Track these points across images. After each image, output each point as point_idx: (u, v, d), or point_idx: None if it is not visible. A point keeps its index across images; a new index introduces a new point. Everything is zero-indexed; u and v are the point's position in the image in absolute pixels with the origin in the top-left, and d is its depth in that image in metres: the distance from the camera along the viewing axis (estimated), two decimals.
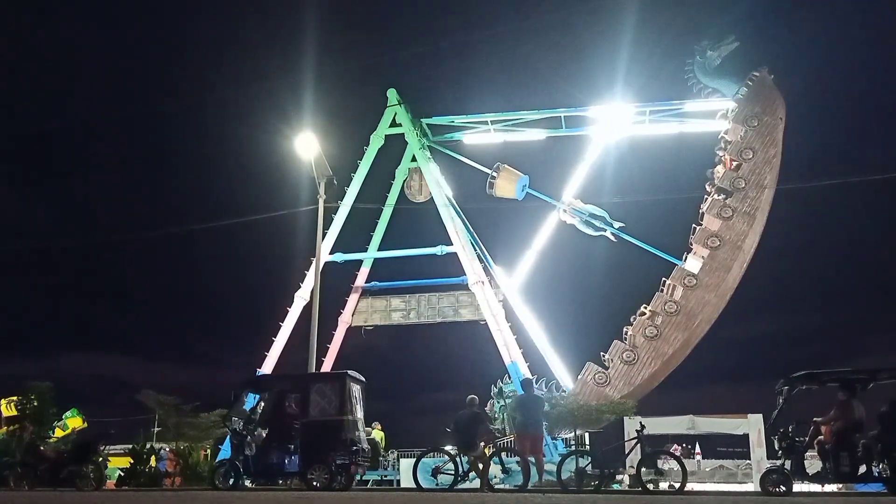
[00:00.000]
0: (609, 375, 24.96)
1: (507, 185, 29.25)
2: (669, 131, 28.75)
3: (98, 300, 70.63)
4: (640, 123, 28.75)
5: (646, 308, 25.97)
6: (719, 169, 27.67)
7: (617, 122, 28.81)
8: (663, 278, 26.34)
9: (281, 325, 28.88)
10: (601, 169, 29.79)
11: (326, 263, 27.64)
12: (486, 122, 30.09)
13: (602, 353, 25.85)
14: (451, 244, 28.66)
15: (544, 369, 27.13)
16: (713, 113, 28.57)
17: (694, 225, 26.90)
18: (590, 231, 28.76)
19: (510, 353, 26.38)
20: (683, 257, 26.79)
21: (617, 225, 28.33)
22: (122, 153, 74.95)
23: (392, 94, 30.85)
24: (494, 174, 29.34)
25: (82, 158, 75.49)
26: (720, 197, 26.79)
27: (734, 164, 27.11)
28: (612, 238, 28.44)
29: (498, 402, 26.08)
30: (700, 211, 27.19)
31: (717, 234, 26.06)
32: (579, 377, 25.67)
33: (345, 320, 30.33)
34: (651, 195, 29.14)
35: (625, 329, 26.06)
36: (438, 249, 29.01)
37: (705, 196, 27.54)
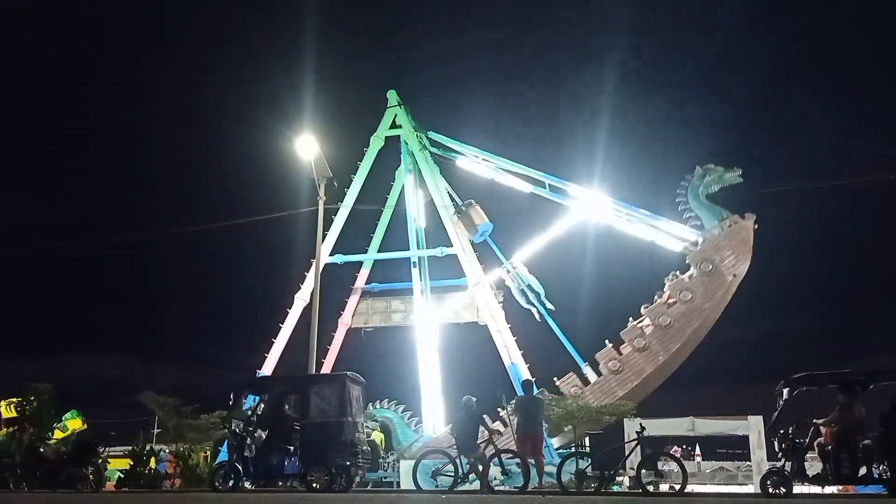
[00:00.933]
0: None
1: (470, 224, 28.76)
2: (642, 236, 27.51)
3: (98, 301, 70.61)
4: (617, 216, 27.82)
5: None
6: (658, 297, 26.43)
7: (594, 208, 28.11)
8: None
9: (281, 327, 28.87)
10: (565, 245, 29.33)
11: (326, 265, 27.64)
12: (476, 157, 29.78)
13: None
14: (452, 246, 28.66)
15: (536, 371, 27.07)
16: (684, 238, 26.86)
17: (608, 341, 26.02)
18: (521, 300, 28.50)
19: (510, 354, 26.37)
20: (585, 364, 26.56)
21: (548, 306, 28.12)
22: (122, 154, 75.06)
23: (392, 96, 30.86)
24: (464, 208, 28.90)
25: (83, 159, 75.49)
26: (640, 325, 25.89)
27: (671, 299, 25.90)
28: (536, 317, 28.24)
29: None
30: (629, 325, 26.16)
31: (620, 360, 25.22)
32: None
33: (345, 322, 30.33)
34: (598, 290, 29.76)
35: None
36: (439, 251, 29.01)
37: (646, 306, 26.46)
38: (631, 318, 26.12)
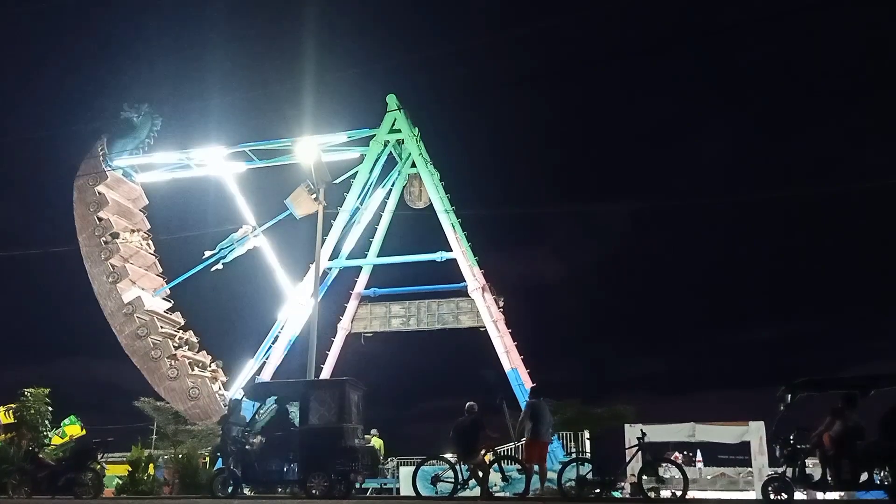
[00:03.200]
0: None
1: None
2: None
3: (97, 305, 70.33)
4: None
5: None
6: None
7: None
8: None
9: (280, 332, 28.83)
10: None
11: (326, 269, 27.62)
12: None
13: None
14: (451, 250, 28.64)
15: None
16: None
17: None
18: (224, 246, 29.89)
19: (510, 359, 26.33)
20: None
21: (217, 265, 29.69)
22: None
23: (392, 100, 30.83)
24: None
25: (78, 162, 75.38)
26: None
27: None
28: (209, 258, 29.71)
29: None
30: None
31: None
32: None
33: (344, 327, 30.28)
34: None
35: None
36: (438, 255, 28.99)
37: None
38: None
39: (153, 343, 27.43)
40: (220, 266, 29.52)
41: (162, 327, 28.57)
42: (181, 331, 29.90)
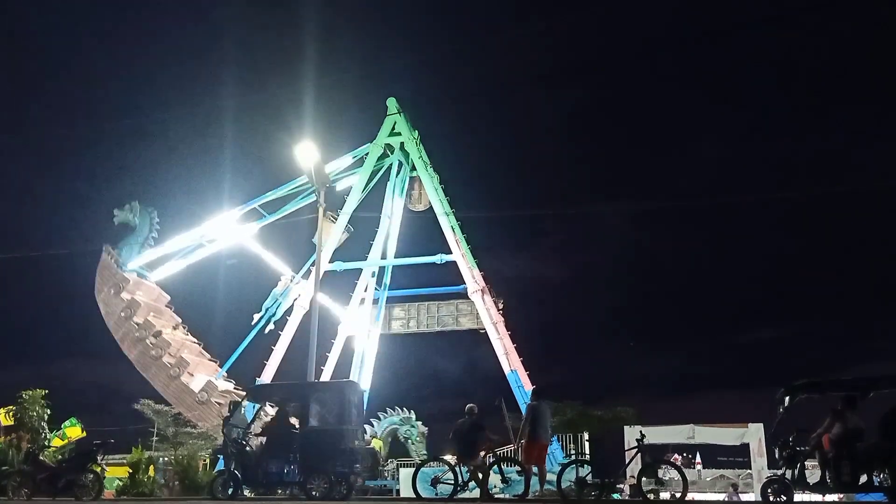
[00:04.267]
0: None
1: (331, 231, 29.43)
2: None
3: (97, 307, 70.31)
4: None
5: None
6: None
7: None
8: None
9: (280, 334, 28.85)
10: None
11: (326, 272, 27.63)
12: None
13: None
14: (451, 253, 28.66)
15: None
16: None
17: None
18: (268, 302, 29.62)
19: (510, 361, 26.34)
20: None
21: (268, 326, 29.18)
22: (122, 159, 75.10)
23: (392, 103, 30.88)
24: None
25: (80, 163, 75.54)
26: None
27: None
28: (255, 318, 29.31)
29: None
30: None
31: None
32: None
33: (344, 329, 30.29)
34: None
35: None
36: (438, 258, 29.02)
37: None
38: None
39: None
40: (271, 326, 29.07)
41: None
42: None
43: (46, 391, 20.98)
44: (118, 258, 30.34)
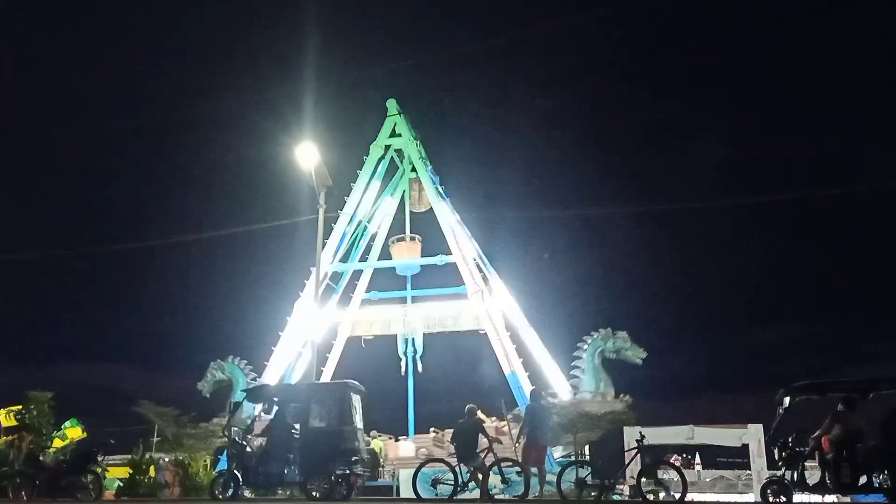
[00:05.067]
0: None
1: (408, 252, 29.62)
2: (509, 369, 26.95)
3: (97, 309, 70.51)
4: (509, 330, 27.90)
5: None
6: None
7: (494, 308, 27.88)
8: None
9: (281, 335, 28.88)
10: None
11: (326, 273, 27.67)
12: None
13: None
14: (451, 254, 28.70)
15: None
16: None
17: None
18: (400, 347, 29.51)
19: (510, 362, 26.36)
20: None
21: (418, 366, 29.06)
22: (121, 161, 75.10)
23: (392, 105, 30.96)
24: (412, 237, 29.89)
25: (81, 165, 75.55)
26: None
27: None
28: (401, 368, 29.37)
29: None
30: None
31: None
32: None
33: (345, 330, 30.33)
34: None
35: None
36: (438, 259, 29.06)
37: None
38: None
39: None
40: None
41: None
42: None
43: (52, 393, 21.05)
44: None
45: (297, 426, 13.86)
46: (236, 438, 14.12)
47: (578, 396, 25.10)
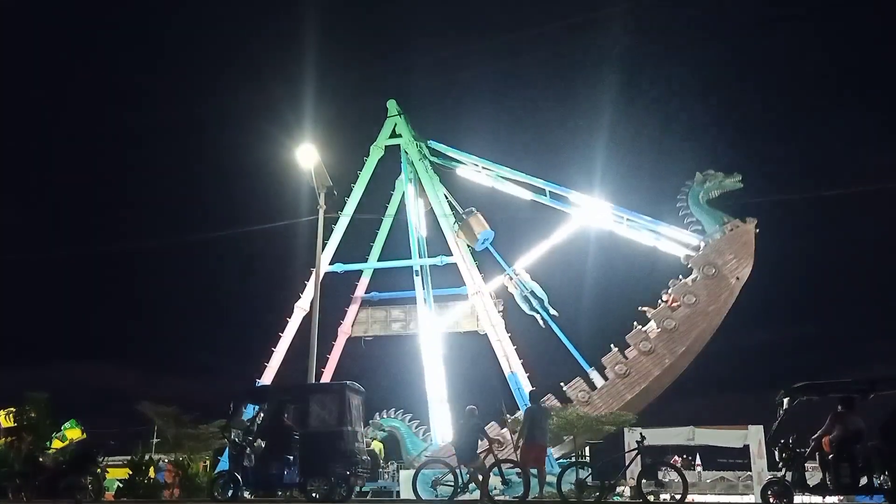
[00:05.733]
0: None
1: (471, 232, 28.92)
2: (644, 241, 27.62)
3: (97, 310, 70.52)
4: (618, 223, 27.88)
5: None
6: (662, 300, 26.44)
7: (596, 215, 28.14)
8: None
9: (281, 336, 28.86)
10: (566, 252, 29.44)
11: (326, 274, 27.64)
12: (477, 165, 29.74)
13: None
14: (451, 254, 28.68)
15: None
16: (687, 244, 27.00)
17: (614, 345, 26.00)
18: (524, 307, 28.62)
19: (510, 363, 26.34)
20: (591, 369, 26.45)
21: (552, 312, 28.17)
22: (121, 162, 75.15)
23: (392, 105, 30.95)
24: (465, 216, 29.11)
25: (81, 167, 75.64)
26: (645, 328, 25.96)
27: (675, 303, 25.91)
28: (541, 323, 28.35)
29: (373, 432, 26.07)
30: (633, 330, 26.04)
31: (626, 363, 25.31)
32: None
33: (344, 331, 30.32)
34: (601, 294, 29.77)
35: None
36: (438, 260, 29.05)
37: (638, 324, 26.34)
38: (636, 322, 26.19)
39: None
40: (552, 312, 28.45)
41: None
42: None
43: (48, 395, 21.02)
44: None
45: (297, 427, 13.86)
46: (236, 440, 14.11)
47: (709, 237, 26.19)
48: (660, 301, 26.42)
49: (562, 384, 25.59)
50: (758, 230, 26.17)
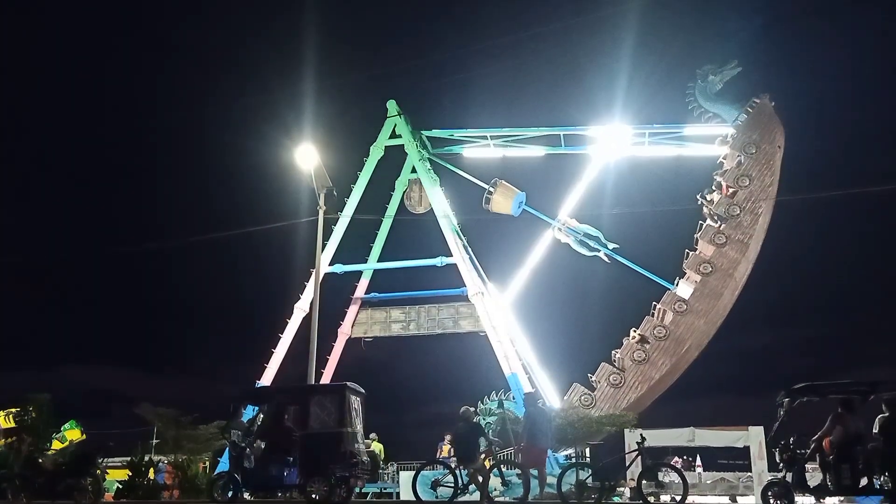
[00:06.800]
0: (595, 397, 25.07)
1: (504, 201, 29.20)
2: (668, 154, 28.65)
3: (96, 311, 70.50)
4: (639, 145, 28.59)
5: (635, 332, 26.10)
6: (715, 195, 27.61)
7: (616, 143, 28.71)
8: (654, 302, 26.46)
9: (280, 337, 28.87)
10: (599, 189, 29.80)
11: (326, 274, 27.64)
12: (485, 137, 30.00)
13: (589, 375, 26.11)
14: (451, 255, 28.68)
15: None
16: (712, 137, 28.52)
17: (687, 250, 26.90)
18: (584, 251, 28.83)
19: (510, 364, 26.34)
20: (675, 282, 26.83)
21: (611, 246, 28.37)
22: (121, 164, 75.13)
23: (392, 106, 30.96)
24: (491, 189, 29.35)
25: (80, 168, 75.64)
26: (715, 223, 26.74)
27: (730, 190, 27.07)
28: (605, 259, 28.55)
29: (485, 418, 25.54)
30: (695, 236, 27.19)
31: (709, 261, 26.09)
32: (565, 398, 25.69)
33: (344, 332, 30.31)
34: (647, 216, 29.21)
35: (613, 352, 26.24)
36: (438, 260, 29.06)
37: (700, 221, 27.56)
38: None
39: None
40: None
41: None
42: None
43: (48, 396, 21.03)
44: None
45: (297, 429, 13.84)
46: (236, 441, 14.08)
47: (736, 122, 27.77)
48: (706, 201, 27.28)
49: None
50: (773, 102, 27.80)
